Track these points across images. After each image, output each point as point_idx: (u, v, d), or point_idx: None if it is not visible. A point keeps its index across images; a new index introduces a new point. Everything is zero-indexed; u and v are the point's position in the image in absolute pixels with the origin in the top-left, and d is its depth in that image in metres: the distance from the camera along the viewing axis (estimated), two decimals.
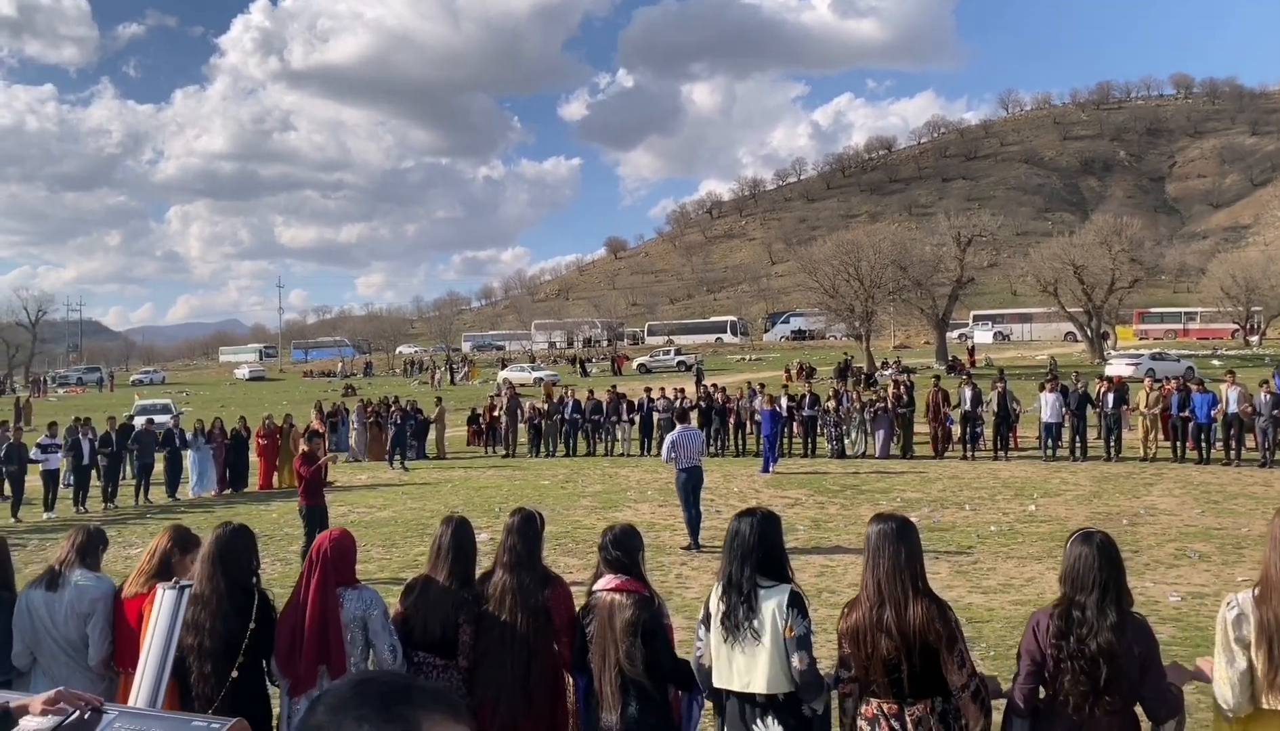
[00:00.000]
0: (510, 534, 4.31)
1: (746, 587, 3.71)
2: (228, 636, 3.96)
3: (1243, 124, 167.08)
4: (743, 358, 65.84)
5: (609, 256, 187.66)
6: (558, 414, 25.41)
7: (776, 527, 3.90)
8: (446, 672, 4.17)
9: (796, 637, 3.63)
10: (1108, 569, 3.33)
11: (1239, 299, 58.53)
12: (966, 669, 3.40)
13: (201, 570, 4.09)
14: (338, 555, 4.16)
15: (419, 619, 4.22)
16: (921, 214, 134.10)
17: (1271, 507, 13.87)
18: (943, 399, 22.03)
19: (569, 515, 15.06)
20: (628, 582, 4.01)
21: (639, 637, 3.84)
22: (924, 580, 3.56)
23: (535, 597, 4.14)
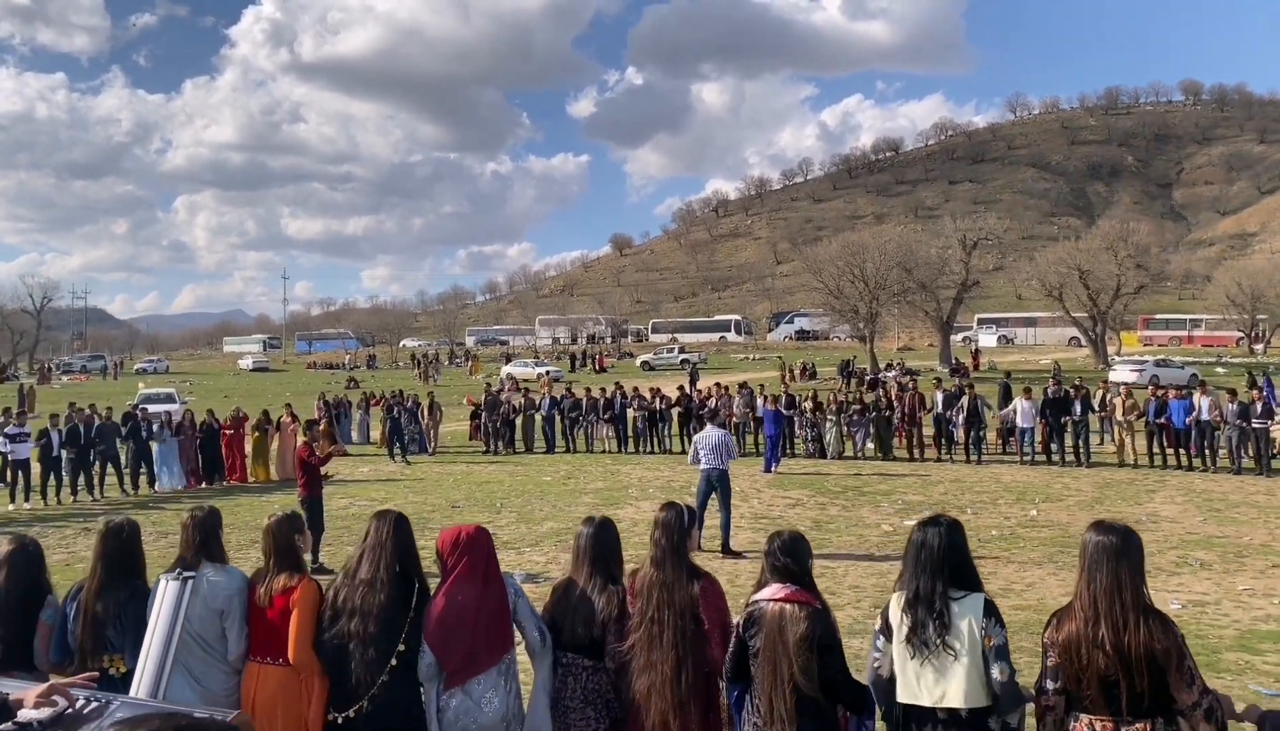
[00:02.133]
0: (658, 528, 4.16)
1: (939, 603, 3.54)
2: (390, 623, 3.94)
3: (1251, 131, 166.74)
4: (746, 357, 65.81)
5: (614, 253, 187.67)
6: (535, 410, 25.42)
7: (963, 535, 3.71)
8: (596, 675, 4.12)
9: (996, 647, 3.50)
10: None
11: (1244, 307, 58.39)
12: (1197, 685, 3.25)
13: (369, 556, 4.07)
14: (490, 546, 4.17)
15: (565, 622, 4.18)
16: (927, 216, 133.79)
17: (1274, 516, 13.86)
18: (919, 402, 22.10)
19: (570, 512, 15.05)
20: (798, 593, 3.81)
21: (814, 652, 3.67)
22: (1146, 595, 3.40)
23: (683, 594, 4.00)
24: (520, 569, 11.04)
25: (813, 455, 22.29)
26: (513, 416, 25.37)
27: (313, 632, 4.04)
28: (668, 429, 24.37)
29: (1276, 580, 10.11)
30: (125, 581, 4.34)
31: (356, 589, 4.01)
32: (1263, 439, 18.56)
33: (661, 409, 24.42)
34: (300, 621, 4.02)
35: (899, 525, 13.56)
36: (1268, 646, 7.83)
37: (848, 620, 8.63)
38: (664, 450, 23.88)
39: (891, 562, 11.17)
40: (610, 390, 25.60)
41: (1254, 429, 18.58)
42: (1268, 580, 10.18)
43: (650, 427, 24.32)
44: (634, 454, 23.63)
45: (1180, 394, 20.51)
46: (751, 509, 15.14)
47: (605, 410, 24.78)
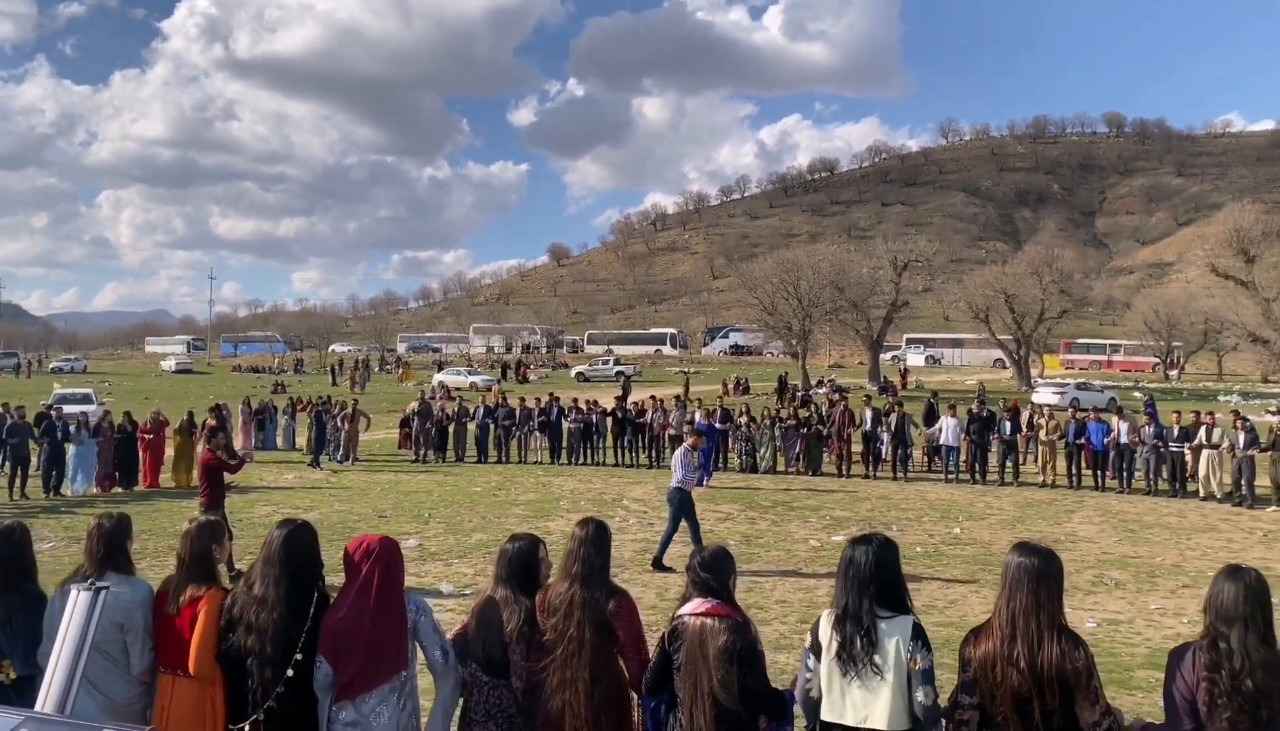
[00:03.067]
0: (583, 544, 4.11)
1: (866, 620, 3.57)
2: (286, 638, 3.86)
3: (1170, 165, 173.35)
4: (681, 370, 66.09)
5: (552, 263, 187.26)
6: (469, 418, 25.18)
7: (895, 554, 3.73)
8: (496, 691, 4.08)
9: (922, 671, 3.52)
10: (1254, 604, 3.26)
11: (1161, 334, 60.50)
12: (1099, 706, 3.32)
13: (263, 570, 3.97)
14: (395, 557, 4.05)
15: (477, 636, 4.14)
16: (860, 236, 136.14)
17: (1185, 538, 14.33)
18: (849, 419, 22.47)
19: (501, 523, 14.90)
20: (719, 606, 3.83)
21: (734, 665, 3.69)
22: (1061, 616, 3.46)
23: (602, 612, 3.99)
24: (447, 581, 10.89)
25: (744, 469, 22.46)
26: (446, 424, 25.07)
27: (215, 643, 3.94)
28: (602, 441, 24.32)
29: (1186, 600, 10.44)
30: (16, 586, 4.21)
31: (251, 602, 3.93)
32: (1177, 461, 19.23)
33: (597, 420, 24.36)
34: (203, 631, 3.92)
35: (826, 541, 13.70)
36: None
37: (774, 634, 8.67)
38: (598, 462, 23.81)
39: (819, 578, 11.29)
40: (545, 400, 25.48)
41: (1170, 452, 19.24)
42: (1178, 600, 10.51)
43: (585, 439, 24.25)
44: (567, 465, 23.52)
45: (1099, 416, 21.18)
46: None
47: (540, 420, 24.61)
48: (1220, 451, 18.50)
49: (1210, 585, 3.41)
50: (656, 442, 23.66)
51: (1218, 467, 18.52)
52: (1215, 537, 14.44)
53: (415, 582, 10.68)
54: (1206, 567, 12.08)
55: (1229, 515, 16.72)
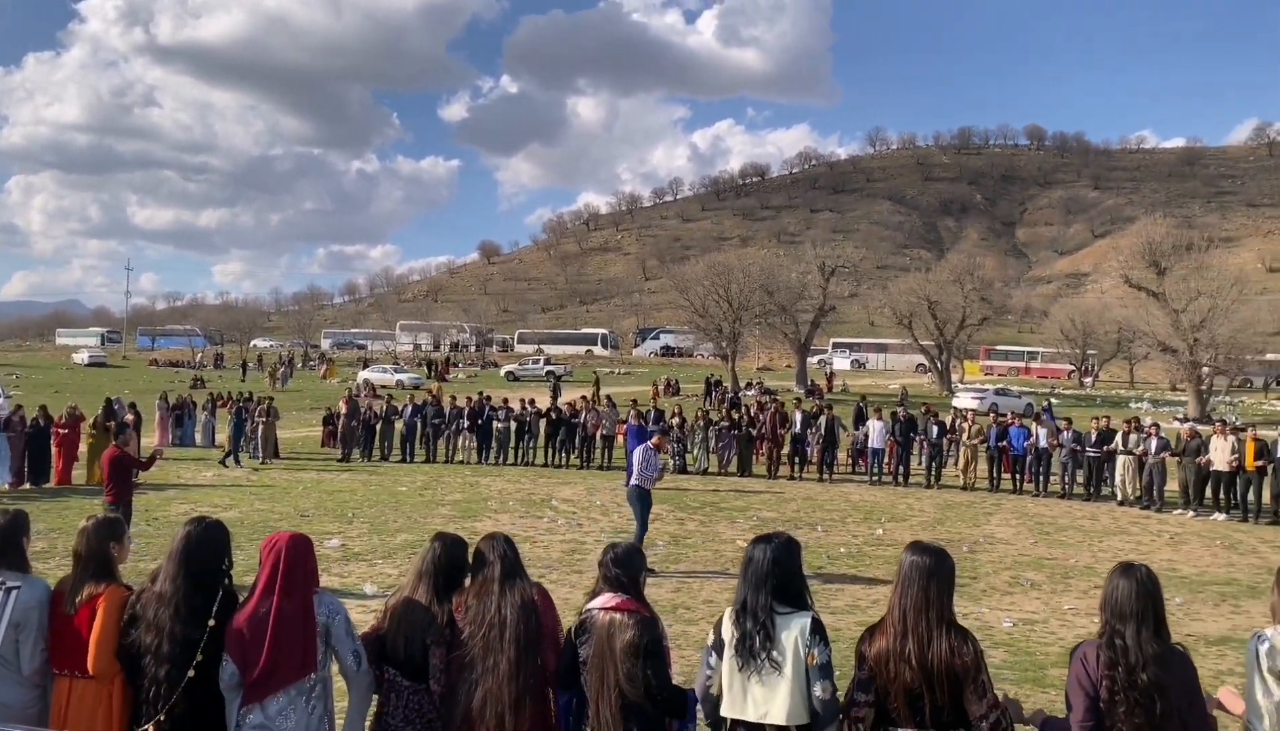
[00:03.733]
0: (493, 543, 4.13)
1: (763, 615, 3.64)
2: (186, 638, 3.74)
3: (1087, 178, 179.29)
4: (612, 371, 66.09)
5: (482, 260, 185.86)
6: (397, 417, 24.82)
7: (795, 553, 3.80)
8: (416, 695, 4.00)
9: (819, 665, 3.58)
10: (1146, 601, 3.38)
11: (1076, 342, 62.54)
12: (987, 699, 3.41)
13: (166, 567, 3.85)
14: (304, 556, 3.92)
15: (392, 637, 4.05)
16: (790, 241, 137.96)
17: (1098, 540, 14.78)
18: (779, 421, 22.80)
19: (427, 523, 14.71)
20: (628, 602, 3.87)
21: (641, 659, 3.71)
22: (950, 613, 3.54)
23: (522, 594, 3.99)
24: (371, 582, 10.71)
25: (674, 470, 22.52)
26: (374, 422, 24.66)
27: (115, 641, 3.81)
28: (534, 441, 24.19)
29: (1097, 600, 10.79)
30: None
31: (153, 599, 3.83)
32: (1093, 466, 19.88)
33: (530, 420, 24.18)
34: (101, 629, 3.79)
35: None
36: None
37: (700, 634, 8.70)
38: (528, 462, 23.68)
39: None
40: (475, 399, 25.25)
41: (1087, 457, 19.90)
42: (1090, 600, 10.85)
43: (517, 439, 24.06)
44: (496, 465, 23.33)
45: (1020, 421, 21.79)
46: (612, 523, 15.16)
47: (470, 419, 24.39)
48: (1134, 456, 19.19)
49: (1105, 583, 3.53)
50: (588, 443, 23.64)
51: (1134, 473, 19.19)
52: (1126, 540, 14.95)
53: (339, 583, 10.49)
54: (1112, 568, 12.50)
55: (1139, 518, 17.33)
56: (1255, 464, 17.21)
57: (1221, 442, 17.84)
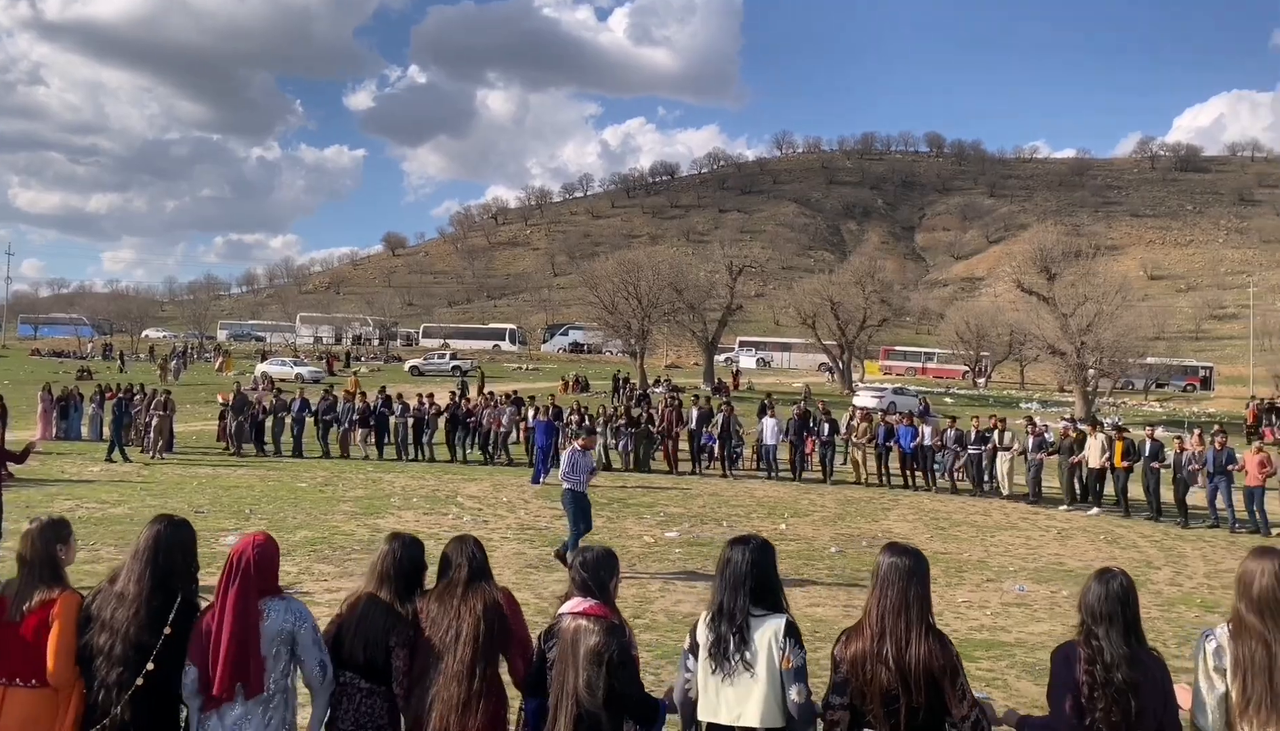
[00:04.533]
0: (460, 545, 4.09)
1: (739, 618, 3.63)
2: (140, 643, 3.59)
3: (983, 185, 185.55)
4: (520, 367, 65.68)
5: (387, 252, 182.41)
6: (286, 411, 24.22)
7: (771, 556, 3.81)
8: (371, 698, 3.91)
9: (794, 669, 3.58)
10: (1117, 604, 3.48)
11: (971, 344, 64.74)
12: (967, 701, 3.45)
13: (130, 566, 3.70)
14: (263, 561, 3.79)
15: (350, 639, 3.95)
16: (699, 241, 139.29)
17: (989, 535, 15.32)
18: (676, 418, 23.07)
19: (327, 520, 14.38)
20: (595, 607, 3.81)
21: (603, 667, 3.64)
22: (929, 615, 3.56)
23: (488, 600, 3.93)
24: None
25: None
26: (262, 417, 23.92)
27: (74, 648, 3.66)
28: (431, 437, 23.81)
29: (990, 593, 11.19)
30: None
31: (110, 600, 3.69)
32: (974, 462, 20.68)
33: (428, 416, 23.84)
34: (60, 637, 3.63)
35: (660, 537, 13.93)
36: (980, 653, 8.63)
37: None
38: (428, 458, 23.35)
39: (652, 575, 11.46)
40: (377, 395, 24.76)
41: (970, 454, 20.73)
42: (982, 593, 11.25)
43: (415, 435, 23.72)
44: (395, 461, 22.94)
45: (909, 420, 22.57)
46: (519, 519, 15.06)
47: (365, 415, 23.88)
48: (1012, 453, 20.07)
49: (1083, 587, 3.64)
50: (491, 440, 23.43)
51: (1011, 469, 20.05)
52: (1016, 535, 15.55)
53: None
54: (1008, 563, 13.00)
55: (1028, 514, 18.03)
56: (1123, 463, 18.17)
57: (1094, 441, 18.85)
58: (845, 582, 11.35)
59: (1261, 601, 3.42)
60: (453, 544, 4.11)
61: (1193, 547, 14.81)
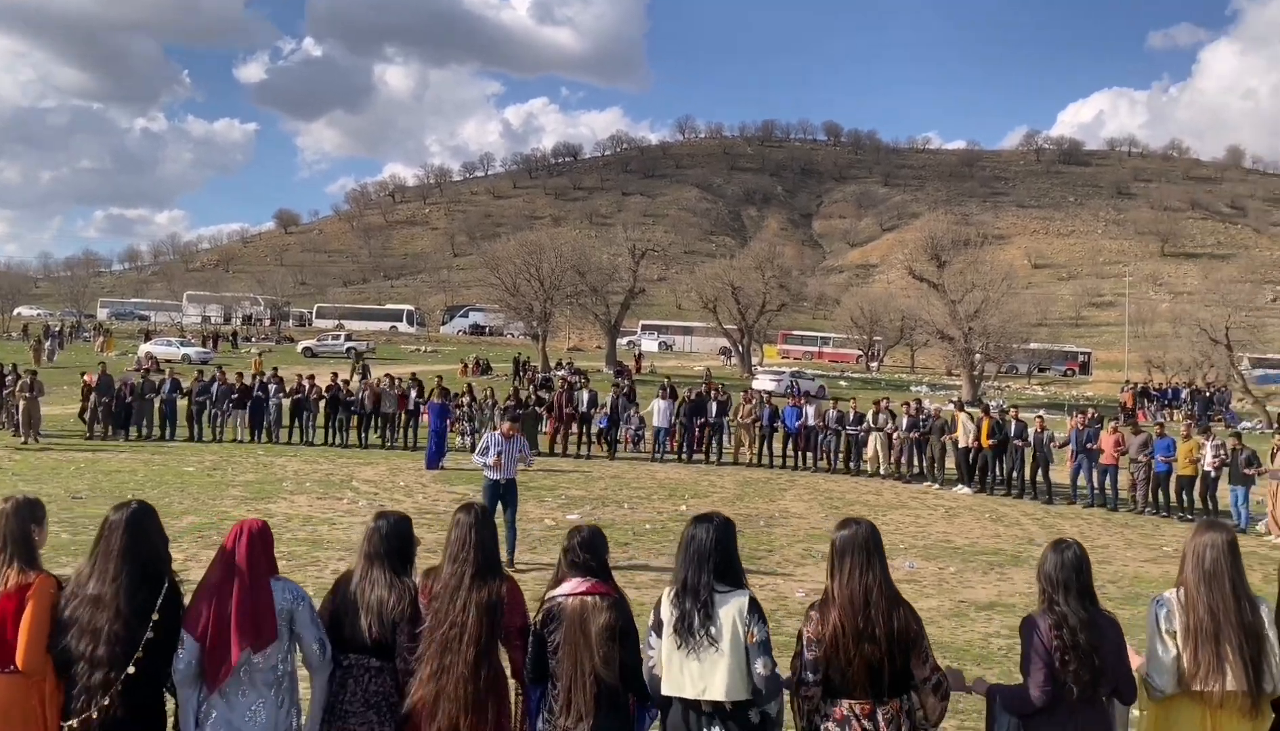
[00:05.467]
0: (473, 529, 4.00)
1: (704, 594, 3.68)
2: (129, 638, 3.45)
3: (878, 174, 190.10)
4: (418, 349, 64.58)
5: (279, 230, 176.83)
6: (155, 393, 23.28)
7: (733, 533, 3.87)
8: (380, 677, 3.85)
9: (758, 643, 3.64)
10: (1072, 572, 3.69)
11: (865, 328, 66.46)
12: (930, 663, 3.62)
13: (101, 565, 3.52)
14: (265, 542, 3.76)
15: (350, 619, 3.86)
16: (601, 223, 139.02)
17: (881, 513, 15.78)
18: (565, 400, 23.21)
19: (215, 505, 13.91)
20: (599, 584, 3.85)
21: (616, 642, 3.72)
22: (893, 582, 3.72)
23: (493, 598, 3.88)
24: None
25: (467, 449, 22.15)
26: (129, 399, 22.86)
27: (46, 634, 3.50)
28: (313, 419, 23.19)
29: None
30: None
31: (85, 604, 3.52)
32: (853, 443, 21.44)
33: (308, 397, 23.18)
34: (32, 622, 3.47)
35: (561, 519, 13.91)
36: None
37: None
38: (307, 441, 22.72)
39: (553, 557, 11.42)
40: (250, 375, 23.96)
41: (848, 434, 21.50)
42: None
43: (295, 417, 23.07)
44: (284, 445, 22.32)
45: (796, 402, 23.15)
46: (416, 504, 14.83)
47: (242, 396, 23.10)
48: (887, 432, 20.84)
49: (1040, 559, 3.84)
50: (383, 422, 23.03)
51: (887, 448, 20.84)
52: (906, 513, 16.06)
53: None
54: (899, 541, 13.41)
55: (918, 493, 18.65)
56: (989, 442, 19.01)
57: (966, 422, 19.68)
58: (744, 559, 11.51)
59: (1211, 575, 3.68)
60: (462, 522, 4.04)
61: (1071, 524, 15.55)
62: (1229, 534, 3.85)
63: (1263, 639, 3.63)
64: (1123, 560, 12.74)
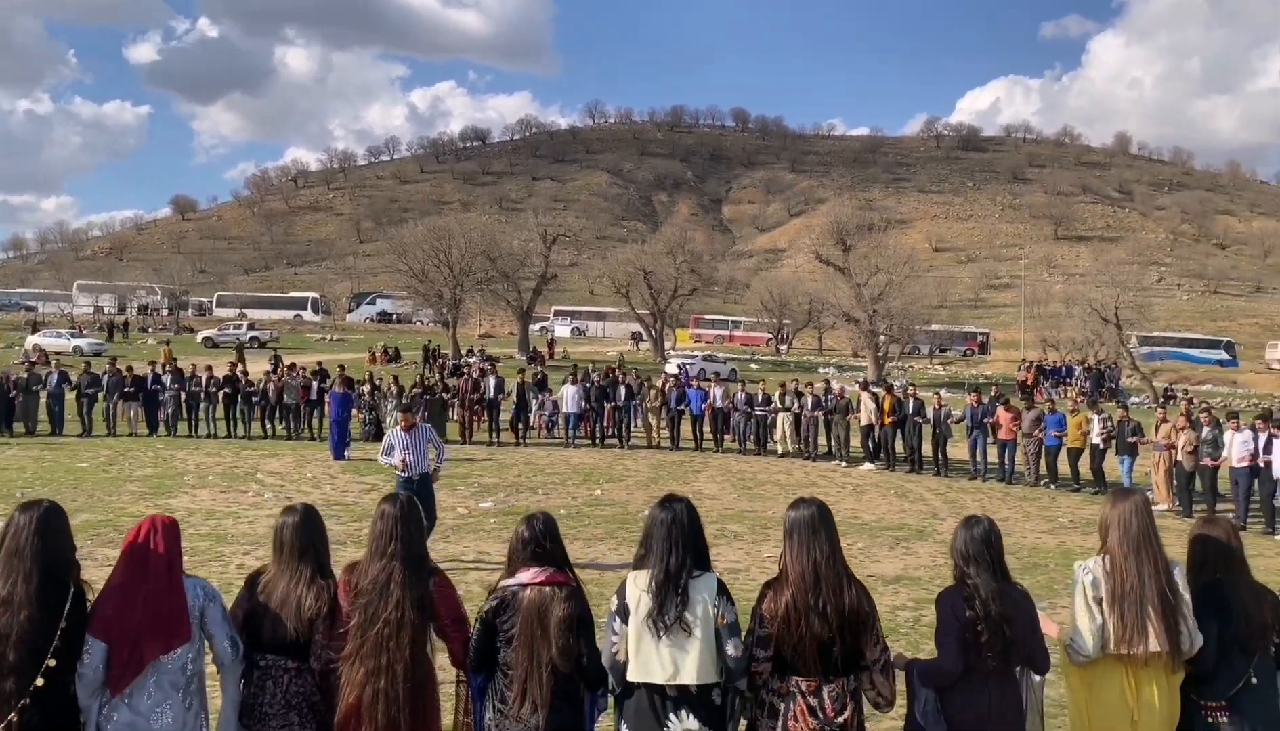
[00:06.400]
0: (399, 522, 3.88)
1: (684, 578, 3.64)
2: (35, 645, 3.27)
3: (785, 161, 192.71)
4: (324, 338, 63.10)
5: (175, 216, 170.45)
6: (40, 386, 22.29)
7: (698, 515, 3.86)
8: (300, 677, 3.72)
9: (729, 625, 3.64)
10: (983, 546, 3.79)
11: (774, 312, 67.48)
12: (880, 644, 3.68)
13: (11, 564, 3.33)
14: (176, 538, 3.59)
15: (267, 618, 3.71)
16: (511, 208, 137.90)
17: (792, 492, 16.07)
18: (471, 387, 23.10)
19: (112, 502, 13.40)
20: (558, 574, 3.78)
21: (575, 632, 3.67)
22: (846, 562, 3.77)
23: (423, 592, 3.78)
24: None
25: (367, 438, 21.78)
26: (12, 393, 21.81)
27: None
28: (212, 411, 22.52)
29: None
30: None
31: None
32: (762, 424, 21.83)
33: (207, 388, 22.48)
34: None
35: (475, 508, 13.81)
36: None
37: None
38: (207, 434, 22.08)
39: (465, 546, 11.36)
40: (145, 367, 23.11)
41: (756, 416, 21.86)
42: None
43: (189, 410, 22.38)
44: (184, 437, 21.62)
45: (700, 384, 23.48)
46: (324, 496, 14.54)
47: (135, 388, 22.25)
48: (794, 413, 21.34)
49: (952, 535, 3.94)
50: (295, 413, 22.49)
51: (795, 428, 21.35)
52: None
53: None
54: None
55: (826, 472, 19.07)
56: (890, 419, 19.65)
57: (868, 401, 20.30)
58: None
59: (1138, 540, 3.83)
60: (388, 514, 3.92)
61: (973, 499, 16.11)
62: (1145, 499, 4.04)
63: (1179, 600, 3.80)
64: (1021, 532, 13.26)
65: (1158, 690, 3.79)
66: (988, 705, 3.69)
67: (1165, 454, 16.00)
